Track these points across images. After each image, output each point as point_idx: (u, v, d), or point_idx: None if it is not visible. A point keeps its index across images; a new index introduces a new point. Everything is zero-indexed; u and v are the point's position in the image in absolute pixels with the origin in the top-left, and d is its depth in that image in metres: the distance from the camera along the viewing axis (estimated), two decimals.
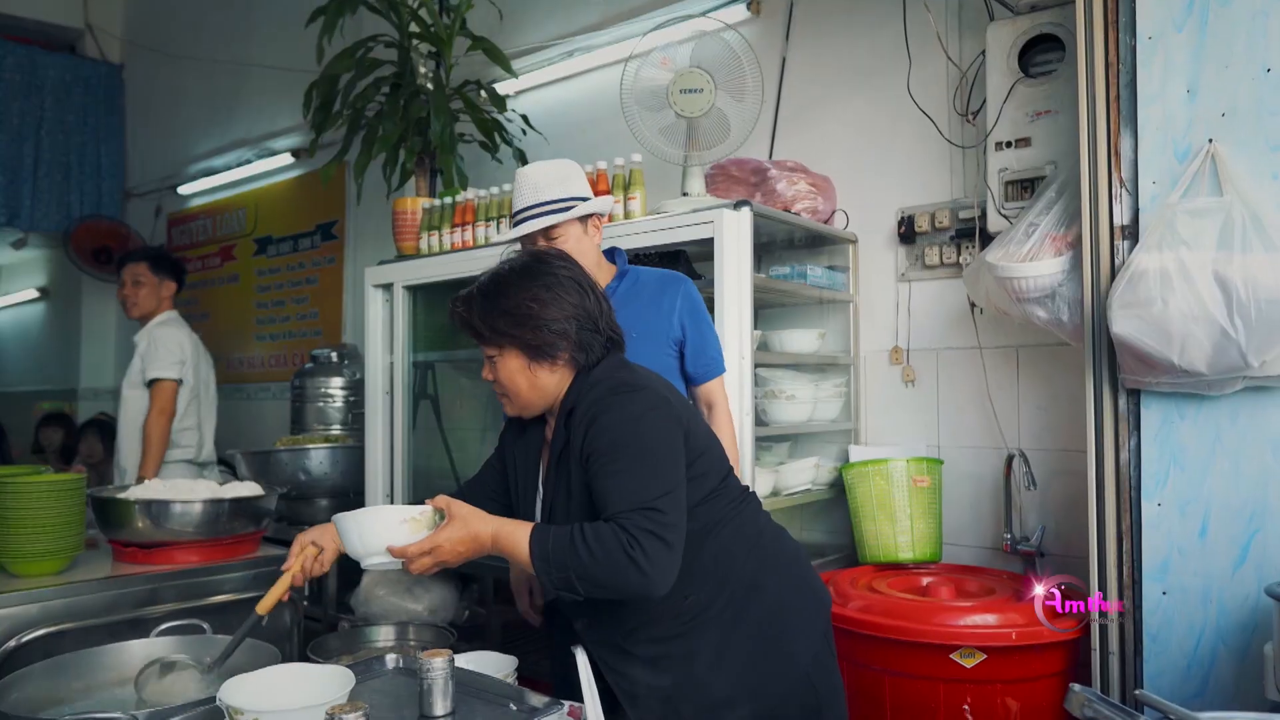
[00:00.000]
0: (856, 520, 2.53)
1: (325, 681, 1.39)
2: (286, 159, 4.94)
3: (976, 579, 2.37)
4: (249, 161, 5.15)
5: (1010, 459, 2.44)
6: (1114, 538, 1.96)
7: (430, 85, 3.15)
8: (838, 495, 2.68)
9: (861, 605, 2.15)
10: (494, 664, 1.73)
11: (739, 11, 3.11)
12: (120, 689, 1.77)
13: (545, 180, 2.01)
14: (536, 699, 1.49)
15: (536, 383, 1.53)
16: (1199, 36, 1.89)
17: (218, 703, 1.32)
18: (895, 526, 2.44)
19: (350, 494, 3.51)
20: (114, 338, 6.31)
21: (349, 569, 3.30)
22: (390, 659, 1.68)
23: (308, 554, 1.63)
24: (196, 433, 3.61)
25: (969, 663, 1.97)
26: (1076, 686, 1.11)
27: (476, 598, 3.14)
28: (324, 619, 3.25)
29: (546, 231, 1.98)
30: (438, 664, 1.40)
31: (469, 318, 1.54)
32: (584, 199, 2.02)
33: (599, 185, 2.65)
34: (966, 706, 1.98)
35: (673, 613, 1.48)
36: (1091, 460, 2.00)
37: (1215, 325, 1.73)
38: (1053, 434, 2.48)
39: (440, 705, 1.41)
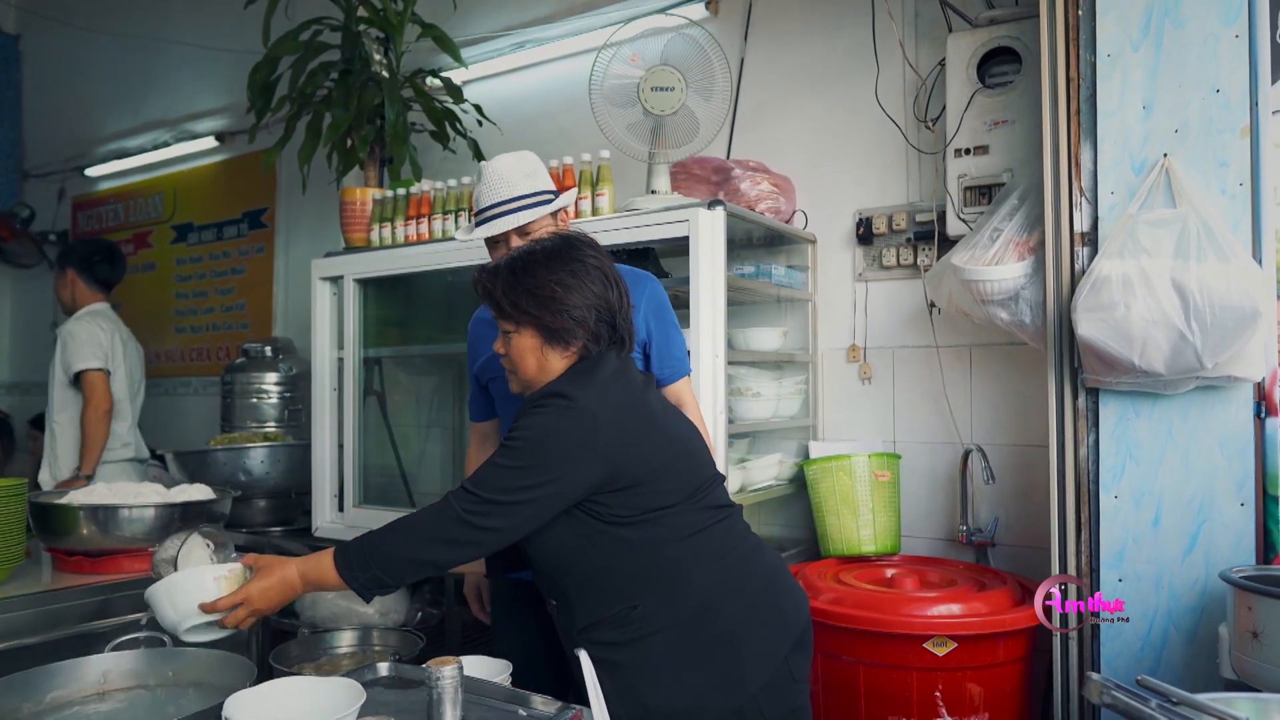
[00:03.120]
0: (819, 514, 2.59)
1: (333, 695, 1.34)
2: (209, 142, 4.71)
3: (937, 570, 2.46)
4: (166, 144, 4.89)
5: (967, 454, 2.55)
6: (1073, 528, 2.07)
7: (385, 73, 3.06)
8: (798, 490, 2.74)
9: (833, 598, 2.21)
10: (487, 669, 1.70)
11: (697, 10, 3.13)
12: (75, 708, 1.67)
13: (513, 174, 1.91)
14: (545, 703, 1.48)
15: (545, 364, 1.54)
16: (1155, 56, 2.01)
17: None
18: (858, 520, 2.52)
19: (292, 494, 3.39)
20: (7, 329, 5.92)
21: None
22: (382, 667, 1.64)
23: None
24: (135, 429, 3.45)
25: (941, 651, 2.05)
26: (1095, 675, 1.16)
27: (428, 598, 3.09)
28: (267, 624, 3.13)
29: (521, 228, 1.90)
30: (447, 673, 1.37)
31: (493, 290, 1.53)
32: (552, 192, 1.95)
33: (565, 180, 2.63)
34: (938, 693, 2.06)
35: (621, 621, 1.49)
36: (1053, 455, 2.10)
37: (1173, 329, 1.84)
38: (1004, 429, 2.60)
39: (451, 714, 1.38)
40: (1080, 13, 2.09)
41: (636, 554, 1.48)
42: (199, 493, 2.35)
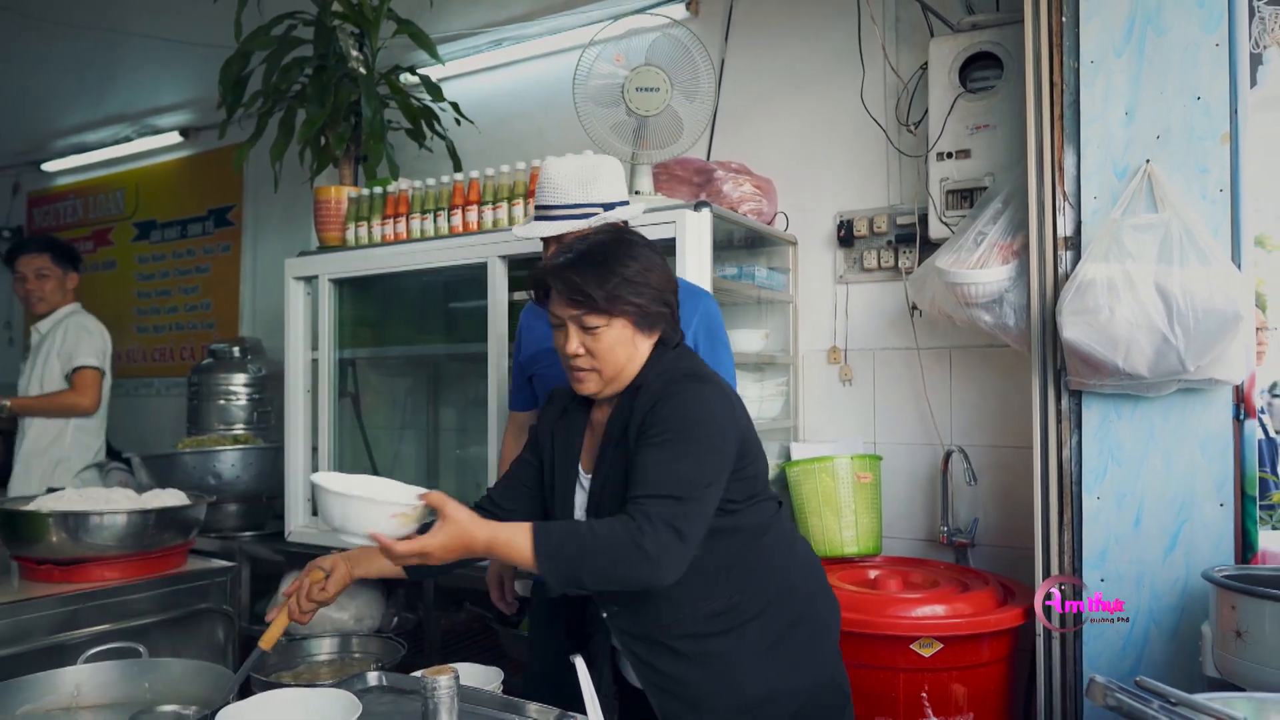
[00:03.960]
0: (801, 515, 2.59)
1: (329, 707, 1.31)
2: (173, 138, 4.60)
3: (919, 571, 2.47)
4: (128, 139, 4.76)
5: (948, 455, 2.57)
6: (1056, 529, 2.10)
7: (363, 69, 3.00)
8: (780, 491, 2.73)
9: None
10: (478, 677, 1.67)
11: (677, 10, 3.12)
12: None
13: (566, 181, 1.86)
14: (541, 712, 1.46)
15: (635, 354, 1.48)
16: (1137, 63, 2.04)
17: None
18: (840, 521, 2.52)
19: (264, 498, 3.32)
20: None
21: (260, 576, 3.15)
22: (372, 676, 1.61)
23: (312, 578, 1.52)
24: (100, 436, 3.37)
25: (927, 652, 2.06)
26: (1099, 677, 1.17)
27: (404, 603, 3.04)
28: (237, 631, 3.06)
29: (560, 237, 1.83)
30: (444, 682, 1.34)
31: (583, 285, 1.43)
32: (607, 205, 1.86)
33: None
34: (924, 694, 2.07)
35: (715, 611, 1.48)
36: (1037, 457, 2.12)
37: (1157, 332, 1.87)
38: (982, 431, 2.62)
39: None
40: (1064, 19, 2.11)
41: (738, 541, 1.48)
42: (172, 498, 2.28)
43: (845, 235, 2.81)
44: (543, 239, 1.90)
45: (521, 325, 2.08)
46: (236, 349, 3.77)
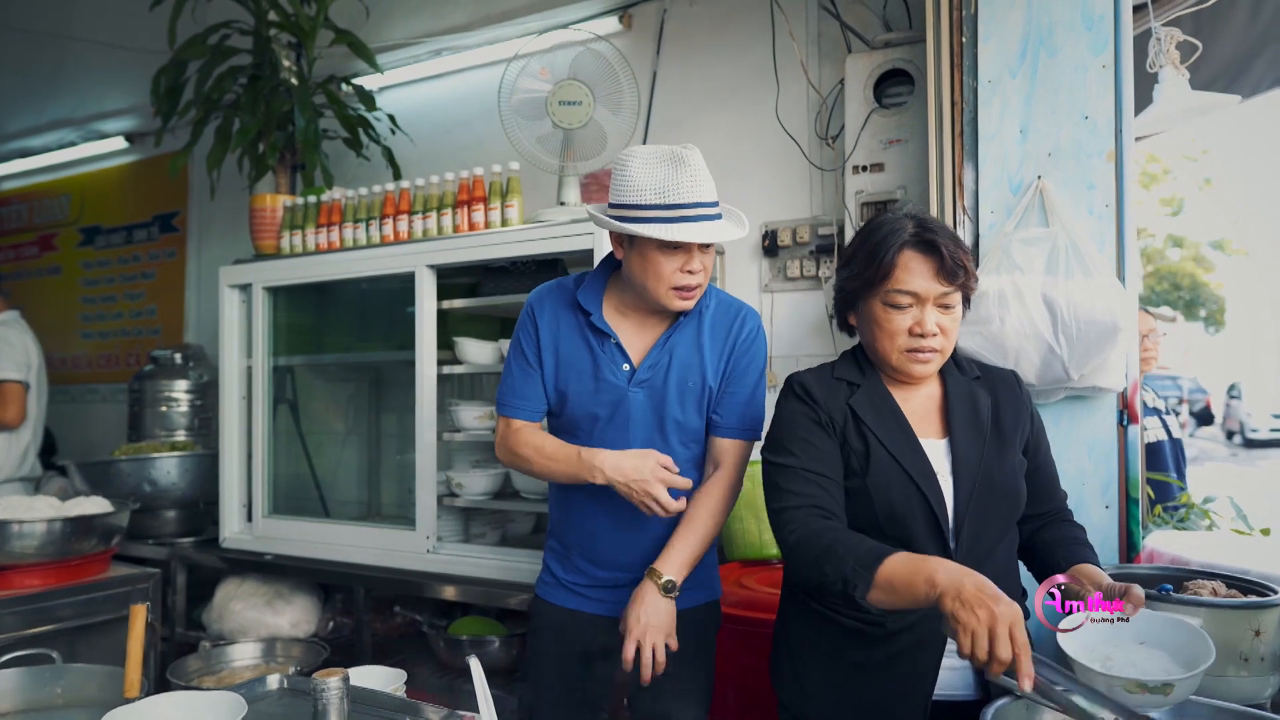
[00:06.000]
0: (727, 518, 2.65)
1: (213, 710, 1.34)
2: (118, 143, 4.59)
3: None
4: (72, 144, 4.74)
5: None
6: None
7: (295, 80, 3.03)
8: None
9: (737, 600, 2.27)
10: (381, 678, 1.71)
11: (611, 24, 3.18)
12: None
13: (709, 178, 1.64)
14: (434, 711, 1.51)
15: None
16: (1030, 83, 2.12)
17: None
18: (760, 525, 2.59)
19: (200, 505, 3.33)
20: None
21: (197, 583, 3.16)
22: (273, 679, 1.64)
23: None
24: (33, 447, 3.35)
25: None
26: None
27: (340, 608, 3.07)
28: (173, 638, 3.07)
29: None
30: (333, 684, 1.39)
31: (965, 261, 1.43)
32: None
33: (475, 192, 2.65)
34: None
35: None
36: None
37: (1044, 342, 1.95)
38: None
39: None
40: (964, 39, 2.19)
41: None
42: (94, 505, 2.31)
43: (770, 245, 2.89)
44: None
45: (539, 324, 1.77)
46: (178, 355, 3.78)
